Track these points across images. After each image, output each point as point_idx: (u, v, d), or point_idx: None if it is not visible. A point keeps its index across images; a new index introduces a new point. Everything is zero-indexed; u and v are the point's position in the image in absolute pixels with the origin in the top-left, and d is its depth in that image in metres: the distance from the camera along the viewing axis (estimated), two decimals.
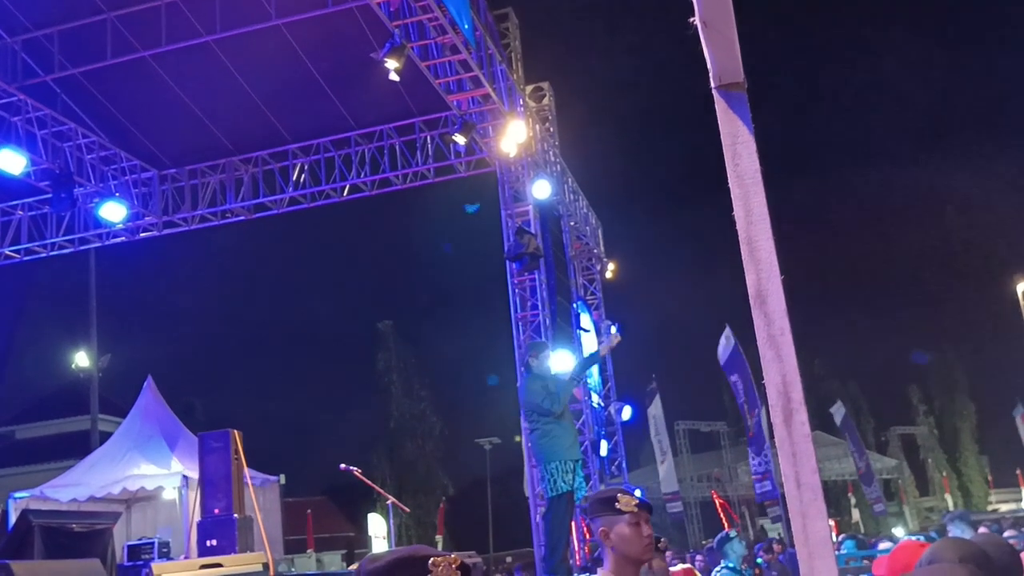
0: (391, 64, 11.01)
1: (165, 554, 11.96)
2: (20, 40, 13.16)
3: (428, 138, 15.49)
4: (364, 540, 29.37)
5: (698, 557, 14.53)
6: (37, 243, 16.28)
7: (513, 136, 13.40)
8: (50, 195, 14.09)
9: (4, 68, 13.16)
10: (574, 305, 16.71)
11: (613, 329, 8.56)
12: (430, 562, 1.56)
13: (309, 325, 67.59)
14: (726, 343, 20.66)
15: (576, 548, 11.76)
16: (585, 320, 17.01)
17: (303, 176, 15.97)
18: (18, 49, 13.22)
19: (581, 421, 14.85)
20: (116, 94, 14.39)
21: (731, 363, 20.67)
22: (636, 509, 3.03)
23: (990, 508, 40.88)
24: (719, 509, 30.69)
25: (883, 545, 12.12)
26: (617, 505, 3.04)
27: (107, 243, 16.89)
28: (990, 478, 45.45)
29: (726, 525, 29.28)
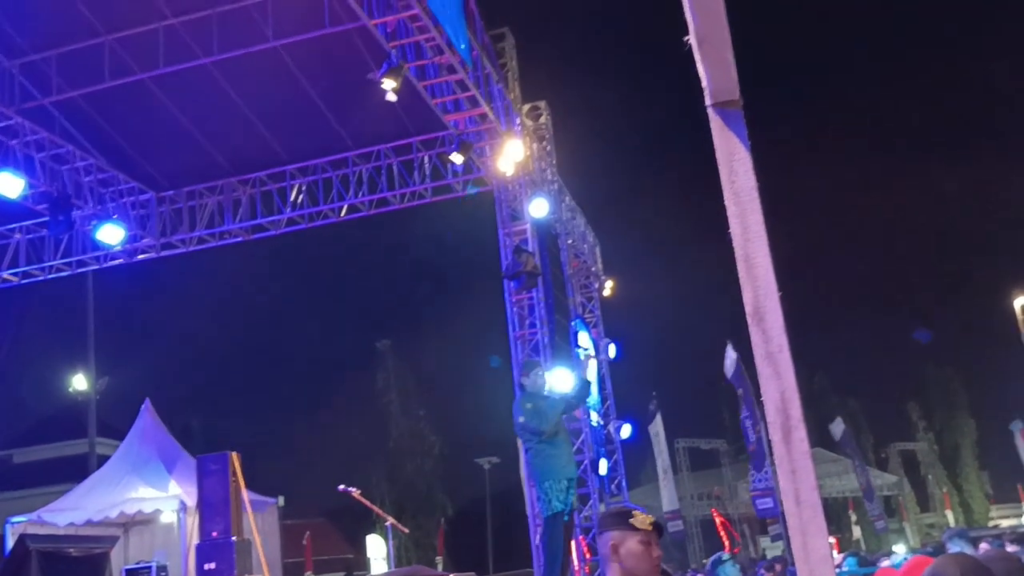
0: (388, 84, 11.05)
1: None
2: (18, 63, 13.21)
3: (425, 158, 15.52)
4: (363, 562, 29.24)
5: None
6: (35, 266, 16.27)
7: (510, 155, 13.44)
8: (48, 218, 14.10)
9: (2, 91, 13.20)
10: (572, 323, 16.68)
11: (612, 350, 8.51)
12: None
13: (307, 345, 67.50)
14: (730, 359, 20.70)
15: (576, 568, 11.71)
16: (584, 338, 16.99)
17: (301, 197, 15.99)
18: (16, 72, 13.27)
19: (580, 440, 14.82)
20: (114, 117, 14.43)
21: (736, 378, 20.72)
22: (650, 528, 3.04)
23: (991, 524, 40.75)
24: (719, 527, 30.61)
25: (884, 563, 12.05)
26: (631, 521, 3.04)
27: (105, 265, 16.88)
28: (991, 494, 45.35)
29: (726, 543, 29.19)
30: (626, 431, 18.26)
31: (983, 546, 8.61)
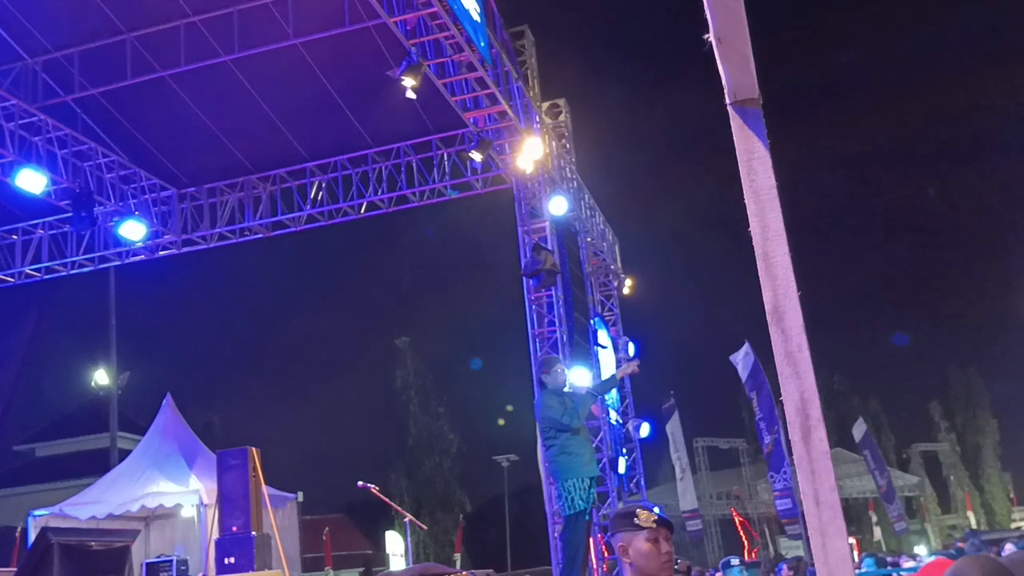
0: (408, 82, 11.07)
1: (183, 572, 12.00)
2: (41, 61, 13.32)
3: (445, 155, 15.53)
4: (382, 558, 29.30)
5: (717, 574, 14.43)
6: (57, 261, 16.41)
7: (529, 153, 13.43)
8: (70, 214, 14.21)
9: (25, 89, 13.31)
10: (591, 321, 16.66)
11: (631, 349, 8.50)
12: None
13: (327, 342, 67.82)
14: (745, 359, 20.56)
15: (595, 566, 11.70)
16: (602, 336, 16.98)
17: (320, 193, 16.04)
18: (39, 70, 13.38)
19: (599, 438, 14.80)
20: (135, 114, 14.53)
21: (752, 379, 20.57)
22: (655, 525, 3.01)
23: (1013, 526, 40.44)
24: (739, 527, 30.50)
25: (907, 564, 11.99)
26: (636, 520, 3.02)
27: (127, 261, 17.01)
28: (1013, 495, 44.98)
29: (745, 543, 29.08)
30: (645, 430, 18.22)
31: (1008, 547, 8.52)
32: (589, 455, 7.71)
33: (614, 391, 17.60)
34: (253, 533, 10.70)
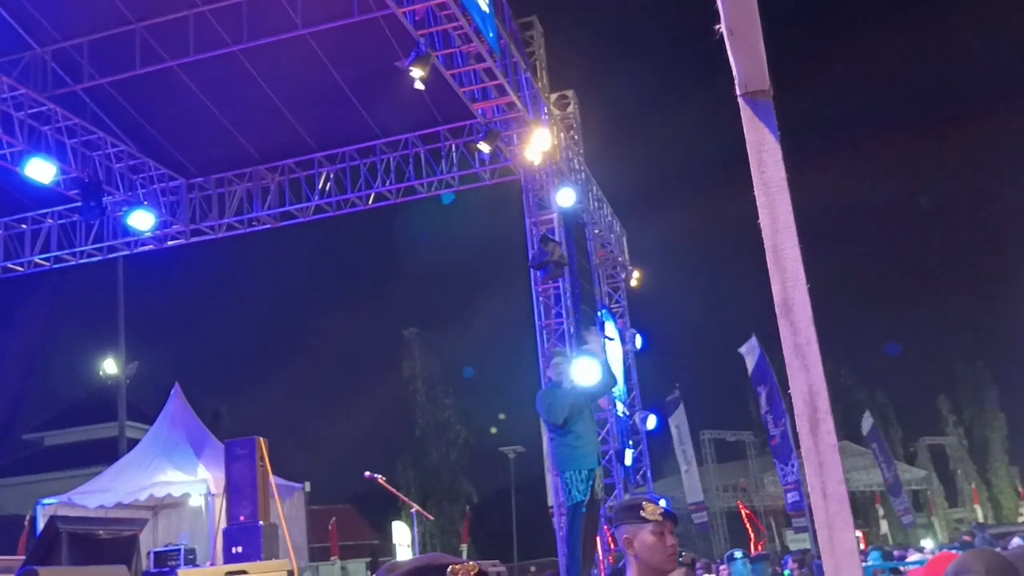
0: (416, 73, 11.06)
1: (191, 561, 12.01)
2: (50, 50, 13.34)
3: (453, 146, 15.52)
4: (389, 548, 29.41)
5: (722, 567, 14.44)
6: (66, 251, 16.46)
7: (538, 144, 13.41)
8: (79, 204, 14.24)
9: (34, 78, 13.34)
10: (598, 313, 16.66)
11: (638, 341, 8.51)
12: (448, 570, 1.56)
13: (334, 333, 67.91)
14: (751, 352, 20.52)
15: (600, 558, 11.72)
16: (610, 328, 16.96)
17: (329, 184, 16.05)
18: (48, 59, 13.40)
19: (606, 430, 14.82)
20: (144, 104, 14.55)
21: (758, 372, 20.52)
22: (661, 518, 3.02)
23: (1020, 519, 40.36)
24: (745, 520, 30.51)
25: (913, 557, 11.99)
26: (642, 513, 3.02)
27: (135, 251, 17.05)
28: (1020, 489, 44.88)
29: (752, 536, 29.09)
30: (651, 422, 18.23)
31: (1015, 541, 8.51)
32: (591, 447, 7.73)
33: (621, 382, 17.61)
34: (260, 523, 10.74)
